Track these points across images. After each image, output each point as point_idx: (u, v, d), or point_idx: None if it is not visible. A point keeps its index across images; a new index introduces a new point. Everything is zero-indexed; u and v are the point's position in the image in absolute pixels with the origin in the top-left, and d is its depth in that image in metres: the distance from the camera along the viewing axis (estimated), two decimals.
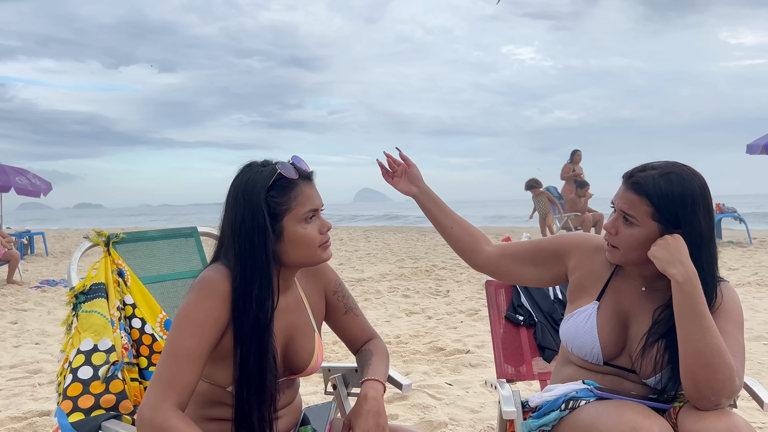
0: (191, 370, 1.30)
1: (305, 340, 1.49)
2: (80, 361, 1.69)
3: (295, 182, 1.41)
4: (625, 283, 1.63)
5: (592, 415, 1.47)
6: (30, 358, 4.37)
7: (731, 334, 1.47)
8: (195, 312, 1.34)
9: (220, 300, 1.35)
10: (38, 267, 10.84)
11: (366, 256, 11.21)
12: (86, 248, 1.90)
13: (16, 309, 6.50)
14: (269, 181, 1.39)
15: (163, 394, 1.28)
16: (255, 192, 1.38)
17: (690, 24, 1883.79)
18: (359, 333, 1.65)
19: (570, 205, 12.31)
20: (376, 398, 1.45)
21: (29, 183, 12.96)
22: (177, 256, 2.08)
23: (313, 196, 1.43)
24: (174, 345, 1.32)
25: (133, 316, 1.83)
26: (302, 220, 1.41)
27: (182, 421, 1.26)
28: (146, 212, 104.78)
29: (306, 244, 1.41)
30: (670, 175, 1.49)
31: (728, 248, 10.82)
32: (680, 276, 1.42)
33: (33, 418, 3.06)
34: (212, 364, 1.39)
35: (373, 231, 19.60)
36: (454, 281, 7.71)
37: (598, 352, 1.59)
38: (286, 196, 1.40)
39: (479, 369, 3.89)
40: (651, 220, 1.49)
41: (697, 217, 1.48)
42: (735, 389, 1.39)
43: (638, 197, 1.50)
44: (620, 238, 1.53)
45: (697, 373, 1.39)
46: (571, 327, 1.63)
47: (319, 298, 1.59)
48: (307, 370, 1.50)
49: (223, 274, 1.38)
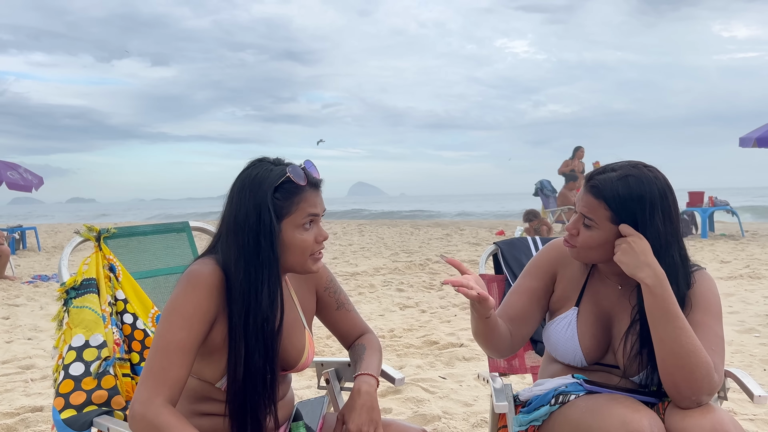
0: (181, 363, 1.30)
1: (295, 336, 1.49)
2: (72, 357, 1.69)
3: (301, 188, 1.39)
4: (602, 285, 1.63)
5: (582, 409, 1.47)
6: (22, 354, 4.36)
7: (708, 327, 1.47)
8: (183, 305, 1.33)
9: (208, 293, 1.34)
10: (30, 262, 10.79)
11: (360, 250, 11.21)
12: (77, 243, 1.89)
13: (8, 304, 6.47)
14: (277, 182, 1.37)
15: (154, 389, 1.27)
16: (262, 189, 1.36)
17: (683, 17, 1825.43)
18: (352, 328, 1.65)
19: (561, 199, 12.35)
20: (369, 393, 1.45)
21: (21, 177, 12.88)
22: (169, 251, 2.07)
23: (316, 203, 1.42)
24: (163, 339, 1.32)
25: (125, 311, 1.82)
26: (300, 226, 1.40)
27: (174, 417, 1.26)
28: (140, 206, 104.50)
29: (299, 251, 1.40)
30: (628, 178, 1.48)
31: (721, 241, 10.88)
32: (649, 279, 1.42)
33: (25, 414, 3.05)
34: (200, 359, 1.39)
35: (367, 225, 19.61)
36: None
37: (581, 357, 1.60)
38: (289, 200, 1.38)
39: (473, 362, 3.90)
40: (609, 223, 1.49)
41: (654, 220, 1.46)
42: (714, 386, 1.40)
43: (596, 201, 1.49)
44: (579, 239, 1.53)
45: (675, 374, 1.39)
46: (553, 335, 1.63)
47: (309, 294, 1.59)
48: (299, 366, 1.50)
49: (211, 268, 1.37)
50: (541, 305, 1.69)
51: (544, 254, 1.71)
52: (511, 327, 1.65)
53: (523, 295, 1.68)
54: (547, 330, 1.67)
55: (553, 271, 1.68)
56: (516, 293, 1.70)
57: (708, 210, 11.94)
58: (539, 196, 13.29)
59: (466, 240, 12.59)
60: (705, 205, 12.05)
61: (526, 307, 1.67)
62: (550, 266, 1.69)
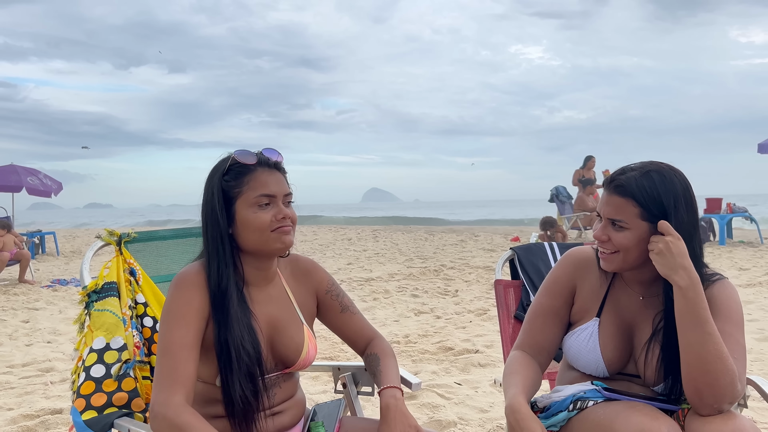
0: (187, 358, 1.35)
1: (292, 331, 1.51)
2: (93, 359, 1.71)
3: (250, 167, 1.44)
4: (623, 294, 1.62)
5: (600, 416, 1.46)
6: (42, 357, 4.41)
7: (731, 335, 1.45)
8: (175, 306, 1.39)
9: (196, 290, 1.40)
10: (49, 266, 10.93)
11: (374, 256, 11.22)
12: (98, 247, 1.92)
13: (27, 308, 6.55)
14: (225, 165, 1.45)
15: (169, 388, 1.31)
16: (213, 177, 1.46)
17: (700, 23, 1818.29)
18: (359, 331, 1.65)
19: (578, 204, 12.26)
20: (397, 405, 1.46)
21: (40, 183, 13.06)
22: (188, 256, 2.09)
23: (270, 183, 1.44)
24: (165, 341, 1.37)
25: (145, 314, 1.84)
26: (253, 205, 1.43)
27: (194, 417, 1.29)
28: (156, 212, 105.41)
29: (256, 229, 1.43)
30: (650, 173, 1.49)
31: (739, 248, 10.75)
32: (683, 281, 1.41)
33: (45, 416, 3.09)
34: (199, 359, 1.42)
35: (382, 231, 19.61)
36: (462, 281, 7.70)
37: (603, 368, 1.59)
38: (239, 180, 1.44)
39: (488, 369, 3.89)
40: (640, 220, 1.48)
41: (679, 212, 1.47)
42: (737, 395, 1.39)
43: (623, 199, 1.49)
44: (615, 243, 1.51)
45: (699, 379, 1.38)
46: (574, 345, 1.62)
47: (309, 296, 1.61)
48: (299, 363, 1.51)
49: (196, 268, 1.44)
50: (564, 322, 1.68)
51: (562, 269, 1.69)
52: (539, 357, 1.65)
53: (548, 319, 1.66)
54: (567, 341, 1.66)
55: (572, 285, 1.67)
56: (540, 316, 1.67)
57: (726, 217, 11.81)
58: (555, 202, 13.22)
59: (480, 246, 12.56)
60: (723, 212, 11.92)
61: (555, 333, 1.66)
62: (569, 281, 1.68)
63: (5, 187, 12.67)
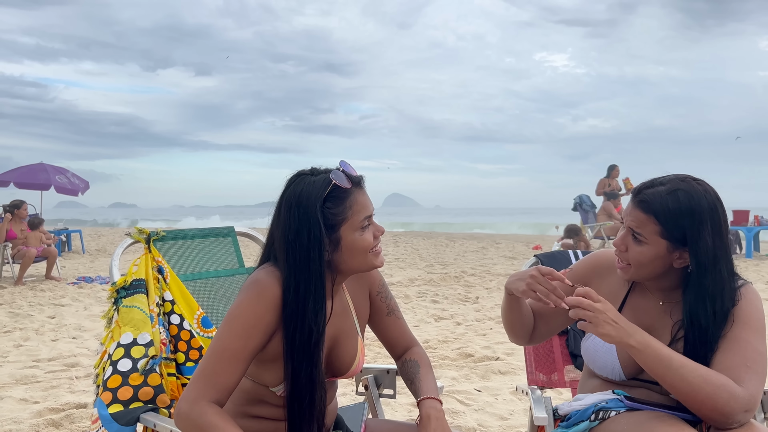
0: (233, 371, 1.32)
1: (349, 343, 1.51)
2: (120, 354, 1.74)
3: (349, 191, 1.41)
4: (642, 299, 1.61)
5: (623, 426, 1.45)
6: (67, 352, 4.49)
7: (746, 342, 1.43)
8: (245, 314, 1.34)
9: (271, 305, 1.36)
10: (75, 264, 11.11)
11: (395, 261, 11.22)
12: (128, 245, 1.96)
13: (54, 304, 6.67)
14: (324, 192, 1.38)
15: (203, 390, 1.30)
16: (310, 204, 1.37)
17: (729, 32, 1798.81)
18: (400, 336, 1.64)
19: (603, 213, 12.13)
20: (438, 418, 1.45)
21: (68, 182, 13.29)
22: (214, 255, 2.12)
23: (367, 203, 1.44)
24: (221, 344, 1.33)
25: (172, 312, 1.87)
26: (359, 228, 1.41)
27: (217, 416, 1.27)
28: (179, 212, 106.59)
29: (363, 251, 1.42)
30: (677, 192, 1.46)
31: (767, 261, 10.55)
32: (639, 344, 1.40)
33: (70, 410, 3.14)
34: (259, 364, 1.42)
35: (402, 236, 19.60)
36: (483, 288, 7.67)
37: (620, 371, 1.58)
38: (342, 206, 1.39)
39: (508, 376, 3.87)
40: (659, 238, 1.46)
41: (703, 235, 1.44)
42: (743, 402, 1.37)
43: (645, 215, 1.47)
44: (630, 255, 1.51)
45: (700, 408, 1.38)
46: (591, 347, 1.62)
47: (363, 299, 1.60)
48: (349, 372, 1.52)
49: (276, 278, 1.38)
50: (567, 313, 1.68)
51: (581, 264, 1.71)
52: (537, 321, 1.70)
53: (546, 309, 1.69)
54: (585, 342, 1.65)
55: (586, 282, 1.66)
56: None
57: (753, 229, 11.61)
58: (578, 210, 13.11)
59: (502, 254, 12.49)
60: (750, 224, 11.71)
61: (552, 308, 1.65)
62: (584, 275, 1.67)
63: (35, 185, 12.93)
